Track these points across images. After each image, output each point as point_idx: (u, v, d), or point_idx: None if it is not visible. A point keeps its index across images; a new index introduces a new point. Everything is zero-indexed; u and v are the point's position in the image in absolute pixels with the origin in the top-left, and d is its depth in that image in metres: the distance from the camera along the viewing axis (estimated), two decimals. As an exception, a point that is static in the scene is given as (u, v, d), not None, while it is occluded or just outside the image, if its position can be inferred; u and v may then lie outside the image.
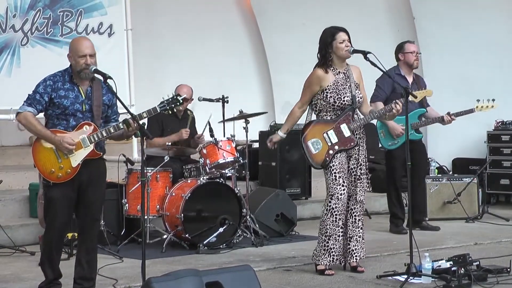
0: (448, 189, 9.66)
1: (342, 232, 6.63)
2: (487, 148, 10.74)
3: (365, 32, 10.51)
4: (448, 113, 8.58)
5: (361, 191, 6.68)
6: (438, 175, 10.13)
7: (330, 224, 6.58)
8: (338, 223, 6.59)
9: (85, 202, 5.81)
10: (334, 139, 6.60)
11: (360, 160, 6.69)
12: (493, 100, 8.56)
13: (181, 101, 5.86)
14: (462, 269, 6.13)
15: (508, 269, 6.34)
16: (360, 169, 6.68)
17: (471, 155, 11.06)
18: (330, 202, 6.59)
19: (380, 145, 8.75)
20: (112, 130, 5.73)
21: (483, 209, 9.69)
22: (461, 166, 11.01)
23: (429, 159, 10.27)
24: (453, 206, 9.64)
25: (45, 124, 5.77)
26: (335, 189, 6.56)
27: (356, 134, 6.66)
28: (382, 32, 11.21)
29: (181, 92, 8.50)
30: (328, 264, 6.60)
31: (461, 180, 9.77)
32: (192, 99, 8.69)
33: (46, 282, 5.89)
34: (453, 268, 6.13)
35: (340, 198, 6.57)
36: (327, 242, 6.59)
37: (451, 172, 10.82)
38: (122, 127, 5.71)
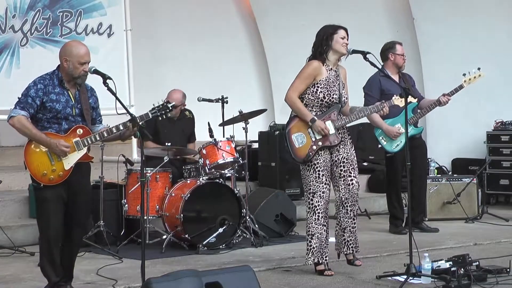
0: (448, 189, 9.66)
1: (324, 230, 6.60)
2: (487, 148, 10.75)
3: (365, 33, 10.51)
4: (443, 94, 8.54)
5: (345, 181, 6.57)
6: (438, 176, 10.14)
7: (312, 223, 6.58)
8: (321, 221, 6.57)
9: (72, 205, 5.79)
10: (319, 135, 6.59)
11: (341, 152, 6.60)
12: (479, 68, 8.48)
13: (171, 108, 5.89)
14: (462, 269, 6.13)
15: (508, 270, 6.35)
16: (344, 159, 6.59)
17: (471, 156, 11.07)
18: (312, 200, 6.56)
19: (379, 146, 8.72)
20: (105, 134, 5.76)
21: (483, 210, 9.69)
22: (461, 166, 11.01)
23: (429, 160, 10.26)
24: (452, 207, 9.64)
25: None
26: (318, 187, 6.54)
27: (340, 133, 6.64)
28: (382, 33, 11.20)
29: (171, 99, 8.48)
30: (312, 262, 6.58)
31: (461, 180, 9.77)
32: (185, 105, 8.69)
33: (50, 286, 5.87)
34: (452, 269, 6.13)
35: (323, 196, 6.55)
36: (310, 242, 6.60)
37: (450, 173, 10.83)
38: (115, 131, 5.72)
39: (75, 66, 5.69)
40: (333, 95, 6.58)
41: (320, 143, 6.57)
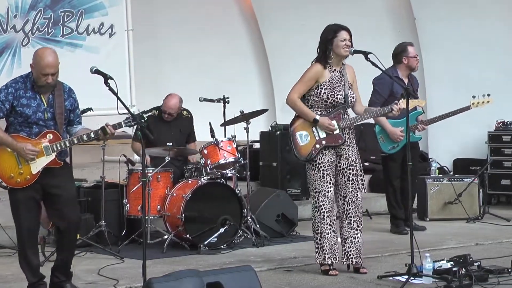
0: (449, 189, 9.66)
1: (331, 229, 6.59)
2: (488, 148, 10.75)
3: (366, 33, 10.51)
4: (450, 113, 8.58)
5: (353, 192, 6.62)
6: (439, 176, 10.12)
7: (319, 222, 6.57)
8: (326, 220, 6.56)
9: (55, 205, 5.80)
10: (323, 134, 6.59)
11: (350, 160, 6.63)
12: (488, 95, 8.49)
13: (146, 118, 5.74)
14: (463, 269, 6.13)
15: (509, 270, 6.33)
16: (352, 169, 6.62)
17: (472, 156, 11.07)
18: (317, 199, 6.56)
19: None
20: (75, 141, 5.70)
21: (484, 210, 9.68)
22: (462, 166, 11.02)
23: (430, 160, 10.28)
24: (454, 207, 9.64)
25: (6, 129, 5.72)
26: (322, 186, 6.54)
27: (345, 134, 6.65)
28: (383, 33, 11.21)
29: (167, 106, 8.45)
30: (322, 262, 6.58)
31: (462, 180, 9.77)
32: (180, 110, 8.63)
33: (29, 285, 5.89)
34: (454, 269, 6.13)
35: (327, 195, 6.54)
36: (320, 240, 6.59)
37: (452, 173, 10.82)
38: (93, 136, 5.68)
39: (38, 75, 5.62)
40: (337, 95, 6.58)
41: (324, 142, 6.58)
